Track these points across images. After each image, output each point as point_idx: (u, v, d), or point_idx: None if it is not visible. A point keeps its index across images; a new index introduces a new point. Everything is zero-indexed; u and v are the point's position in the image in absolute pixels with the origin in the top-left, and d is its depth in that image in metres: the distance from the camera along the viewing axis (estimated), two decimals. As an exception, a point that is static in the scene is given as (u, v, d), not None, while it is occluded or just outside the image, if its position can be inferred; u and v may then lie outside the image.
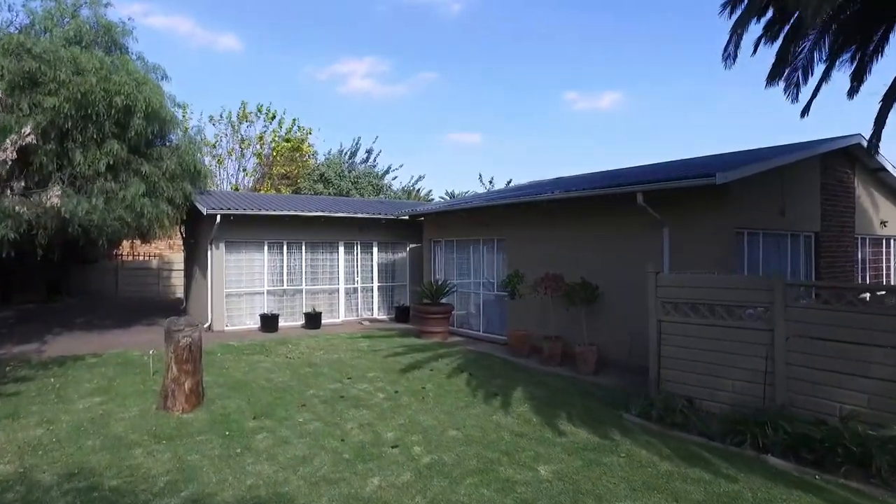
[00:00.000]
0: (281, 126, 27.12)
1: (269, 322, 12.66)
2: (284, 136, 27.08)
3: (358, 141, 27.70)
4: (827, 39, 7.24)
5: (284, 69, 46.08)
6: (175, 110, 12.58)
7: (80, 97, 9.82)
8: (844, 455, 4.65)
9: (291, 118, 27.91)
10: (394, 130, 47.59)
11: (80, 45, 10.84)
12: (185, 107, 19.73)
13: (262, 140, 26.96)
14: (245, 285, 13.25)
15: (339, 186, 24.83)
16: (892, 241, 12.52)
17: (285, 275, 13.79)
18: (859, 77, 7.87)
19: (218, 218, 12.07)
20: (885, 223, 11.82)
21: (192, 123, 22.50)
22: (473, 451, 5.26)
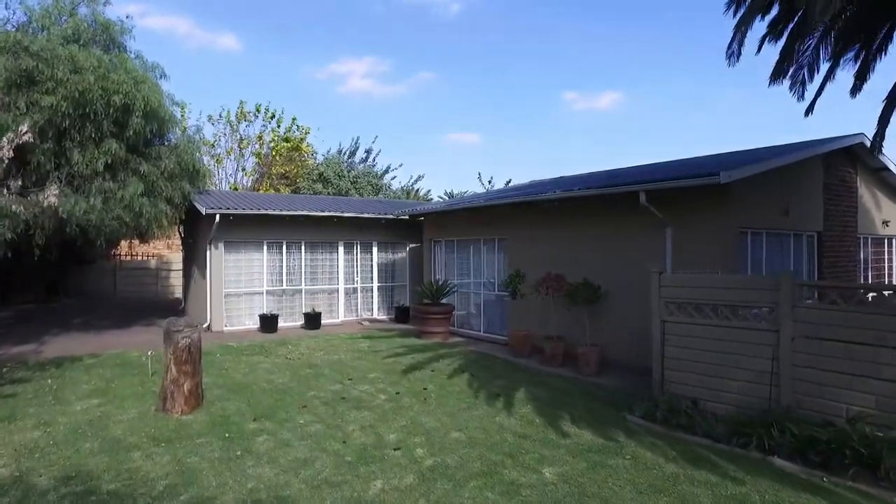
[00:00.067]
0: (279, 125, 27.06)
1: (269, 322, 12.59)
2: (284, 136, 27.00)
3: (357, 140, 27.67)
4: (831, 37, 7.18)
5: (283, 69, 46.10)
6: (174, 109, 12.50)
7: (78, 96, 9.74)
8: (852, 457, 4.60)
9: (291, 117, 27.84)
10: (393, 130, 47.64)
11: (78, 43, 10.77)
12: (184, 106, 19.63)
13: (262, 140, 26.88)
14: (244, 285, 13.17)
15: (339, 186, 24.76)
16: (893, 240, 12.48)
17: (284, 275, 13.72)
18: (862, 76, 7.82)
19: (217, 218, 12.01)
20: (887, 223, 11.79)
21: (191, 123, 22.45)
22: (477, 453, 5.20)
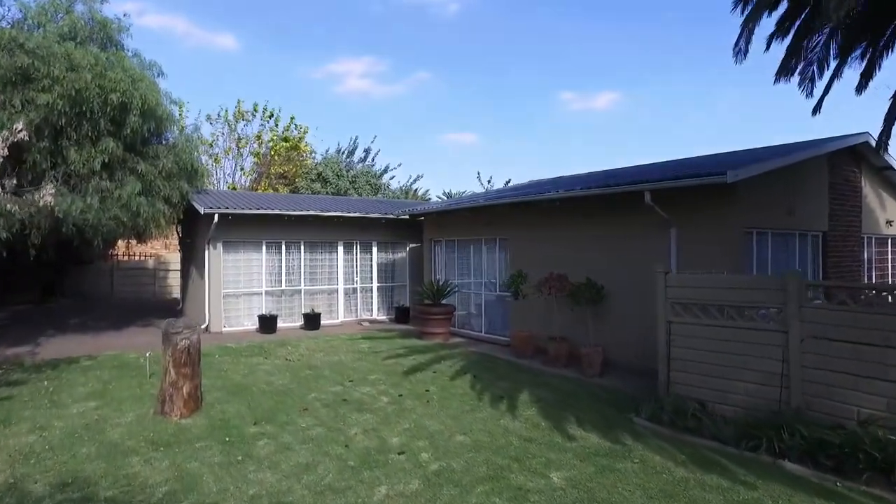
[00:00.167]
0: (278, 124, 26.91)
1: (268, 323, 12.47)
2: (282, 135, 26.86)
3: (355, 140, 27.54)
4: (839, 34, 7.11)
5: (281, 68, 45.89)
6: (171, 108, 12.36)
7: (75, 94, 9.60)
8: (866, 461, 4.52)
9: (289, 115, 27.71)
10: (391, 130, 47.50)
11: (75, 41, 10.62)
12: (182, 104, 19.40)
13: (260, 139, 26.73)
14: (243, 286, 13.05)
15: (337, 186, 24.64)
16: (896, 240, 12.42)
17: (283, 275, 13.60)
18: (868, 73, 7.76)
19: (215, 217, 11.89)
20: (890, 223, 11.72)
21: (189, 122, 22.31)
22: (482, 457, 5.10)
